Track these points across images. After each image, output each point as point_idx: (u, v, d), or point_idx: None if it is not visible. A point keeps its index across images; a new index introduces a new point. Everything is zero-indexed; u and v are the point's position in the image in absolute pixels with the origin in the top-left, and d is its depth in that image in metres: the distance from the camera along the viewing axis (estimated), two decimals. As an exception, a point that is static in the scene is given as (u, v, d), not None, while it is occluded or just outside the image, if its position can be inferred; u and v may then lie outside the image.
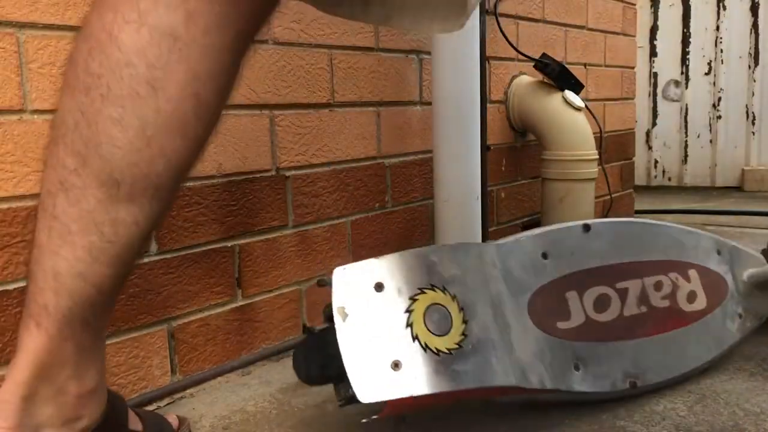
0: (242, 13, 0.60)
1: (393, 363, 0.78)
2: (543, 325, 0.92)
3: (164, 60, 0.57)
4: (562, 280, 0.96)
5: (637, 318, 1.01)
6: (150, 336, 1.06)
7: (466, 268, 0.86)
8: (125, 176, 0.60)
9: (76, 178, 0.60)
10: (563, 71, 1.74)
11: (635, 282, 1.02)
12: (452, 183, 1.48)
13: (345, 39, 1.34)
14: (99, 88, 0.58)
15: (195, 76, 0.59)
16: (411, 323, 0.80)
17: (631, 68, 2.46)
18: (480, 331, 0.83)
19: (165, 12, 0.56)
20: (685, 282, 1.07)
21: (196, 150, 0.63)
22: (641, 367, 1.00)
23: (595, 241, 1.01)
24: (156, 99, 0.58)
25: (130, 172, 0.60)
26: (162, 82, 0.58)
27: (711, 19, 3.43)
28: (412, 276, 0.82)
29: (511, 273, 0.91)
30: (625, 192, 2.48)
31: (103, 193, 0.60)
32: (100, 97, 0.58)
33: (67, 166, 0.60)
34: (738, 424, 0.93)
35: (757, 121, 3.40)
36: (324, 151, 1.31)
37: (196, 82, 0.59)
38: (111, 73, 0.57)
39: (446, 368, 0.80)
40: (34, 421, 0.66)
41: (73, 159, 0.60)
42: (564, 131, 1.75)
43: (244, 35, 0.62)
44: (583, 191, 1.77)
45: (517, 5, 1.82)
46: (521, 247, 0.94)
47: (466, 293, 0.84)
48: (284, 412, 1.02)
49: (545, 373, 0.89)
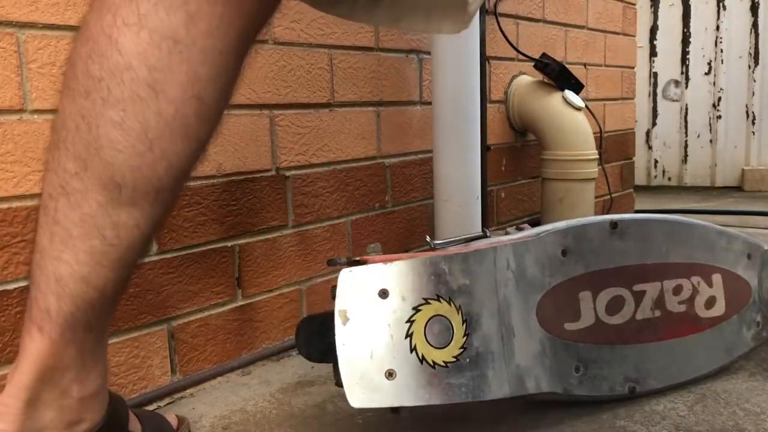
0: (244, 14, 0.60)
1: (387, 372, 0.78)
2: (549, 326, 0.91)
3: (165, 62, 0.57)
4: (578, 280, 0.94)
5: (649, 322, 0.99)
6: (150, 336, 1.06)
7: (477, 277, 0.84)
8: (127, 180, 0.60)
9: (77, 182, 0.60)
10: (563, 71, 1.74)
11: (654, 285, 1.00)
12: (452, 183, 1.48)
13: (345, 39, 1.34)
14: (99, 91, 0.58)
15: (196, 78, 0.58)
16: (411, 333, 0.80)
17: (631, 68, 2.46)
18: (480, 344, 0.83)
19: (165, 14, 0.56)
20: (706, 287, 1.04)
21: (198, 152, 0.63)
22: (643, 373, 0.99)
23: (620, 240, 0.97)
24: (157, 101, 0.58)
25: (132, 176, 0.60)
26: (163, 85, 0.57)
27: (711, 19, 3.43)
28: (419, 285, 0.81)
29: (525, 273, 0.90)
30: (625, 192, 2.48)
31: (105, 197, 0.60)
32: (101, 101, 0.58)
33: (68, 170, 0.60)
34: (738, 424, 0.93)
35: (757, 121, 3.40)
36: (324, 151, 1.31)
37: (198, 84, 0.59)
38: (111, 77, 0.57)
39: (440, 381, 0.80)
40: (37, 425, 0.66)
41: (74, 163, 0.60)
42: (564, 131, 1.75)
43: (245, 36, 0.61)
44: (583, 191, 1.77)
45: (517, 5, 1.82)
46: (541, 243, 0.92)
47: (472, 304, 0.83)
48: (284, 412, 1.02)
49: (543, 376, 0.89)
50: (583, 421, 0.95)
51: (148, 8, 0.56)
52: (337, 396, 1.04)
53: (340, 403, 1.02)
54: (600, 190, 1.98)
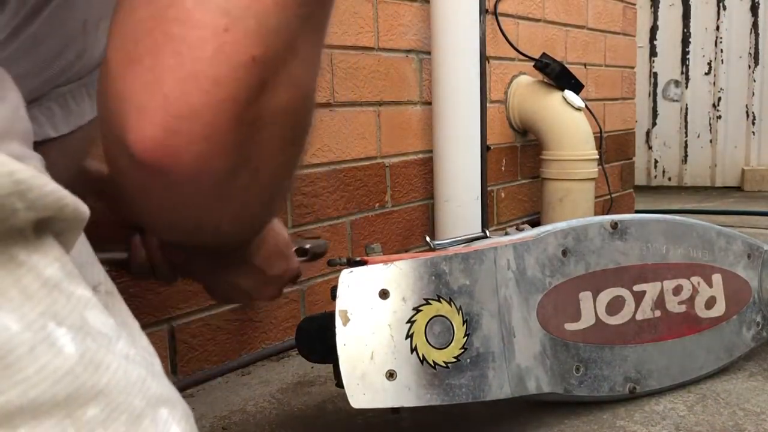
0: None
1: (388, 372, 0.78)
2: (550, 326, 0.91)
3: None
4: (578, 280, 0.94)
5: (649, 322, 0.99)
6: (150, 336, 1.05)
7: (477, 277, 0.84)
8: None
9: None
10: (563, 71, 1.74)
11: (654, 285, 1.00)
12: (452, 183, 1.48)
13: (345, 39, 1.34)
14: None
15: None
16: (411, 334, 0.79)
17: (631, 68, 2.46)
18: (481, 344, 0.83)
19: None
20: (706, 287, 1.04)
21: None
22: (643, 373, 0.99)
23: (620, 240, 0.98)
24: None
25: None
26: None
27: (711, 19, 3.43)
28: (420, 285, 0.81)
29: (525, 273, 0.90)
30: (625, 192, 2.48)
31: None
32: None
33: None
34: (738, 424, 0.93)
35: (757, 121, 3.40)
36: (324, 151, 1.31)
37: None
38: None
39: (441, 382, 0.80)
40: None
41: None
42: (564, 131, 1.75)
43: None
44: (583, 191, 1.77)
45: (517, 5, 1.82)
46: (541, 243, 0.92)
47: (472, 304, 0.83)
48: (284, 412, 1.02)
49: (544, 376, 0.89)
50: (583, 421, 0.95)
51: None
52: (337, 396, 1.04)
53: (340, 403, 1.02)
54: (600, 190, 1.98)
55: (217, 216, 0.47)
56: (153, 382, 0.34)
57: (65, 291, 0.32)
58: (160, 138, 0.36)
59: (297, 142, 0.45)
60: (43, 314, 0.30)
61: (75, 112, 0.52)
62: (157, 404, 0.34)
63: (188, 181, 0.39)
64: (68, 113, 0.52)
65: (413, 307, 0.80)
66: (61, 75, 0.50)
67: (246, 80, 0.36)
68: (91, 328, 0.32)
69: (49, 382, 0.29)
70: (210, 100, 0.36)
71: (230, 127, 0.37)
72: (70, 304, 0.32)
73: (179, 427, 0.34)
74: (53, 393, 0.29)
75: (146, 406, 0.33)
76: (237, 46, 0.35)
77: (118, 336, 0.34)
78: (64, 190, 0.32)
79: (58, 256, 0.32)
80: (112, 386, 0.31)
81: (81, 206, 0.34)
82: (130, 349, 0.34)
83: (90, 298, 0.33)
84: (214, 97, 0.36)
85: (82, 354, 0.30)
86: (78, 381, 0.30)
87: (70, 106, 0.52)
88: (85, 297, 0.33)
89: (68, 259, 0.33)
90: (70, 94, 0.52)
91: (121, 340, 0.34)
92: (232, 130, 0.37)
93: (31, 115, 0.47)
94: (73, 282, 0.32)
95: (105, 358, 0.32)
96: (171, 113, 0.36)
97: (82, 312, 0.32)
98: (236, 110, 0.36)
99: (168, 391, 0.35)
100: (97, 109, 0.41)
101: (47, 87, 0.49)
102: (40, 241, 0.32)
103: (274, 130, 0.40)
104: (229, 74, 0.35)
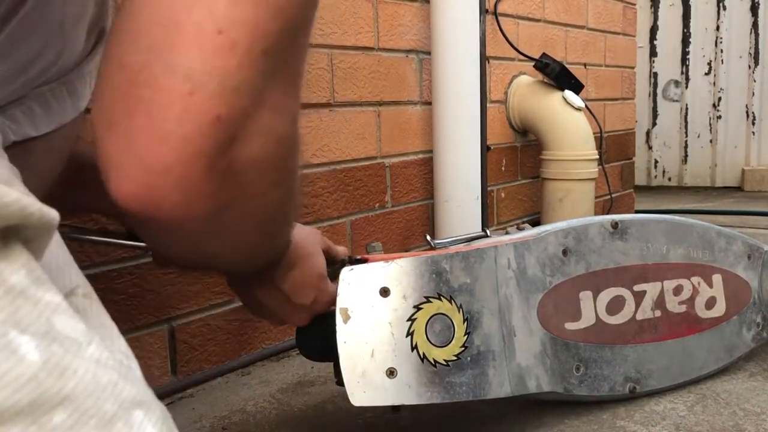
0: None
1: (388, 370, 0.78)
2: (550, 326, 0.91)
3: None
4: (578, 280, 0.94)
5: (649, 322, 0.99)
6: (150, 336, 1.06)
7: (478, 276, 0.84)
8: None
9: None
10: (563, 71, 1.74)
11: (654, 285, 1.00)
12: (452, 183, 1.48)
13: (345, 39, 1.34)
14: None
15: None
16: (412, 332, 0.79)
17: (631, 68, 2.46)
18: (481, 342, 0.83)
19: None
20: (707, 287, 1.04)
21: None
22: (643, 373, 0.99)
23: (620, 240, 0.98)
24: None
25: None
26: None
27: (711, 19, 3.43)
28: (420, 283, 0.81)
29: (526, 272, 0.90)
30: (625, 192, 2.48)
31: None
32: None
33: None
34: (738, 424, 0.93)
35: (757, 121, 3.40)
36: (324, 151, 1.31)
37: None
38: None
39: (441, 380, 0.80)
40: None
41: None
42: (564, 131, 1.75)
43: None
44: (583, 191, 1.77)
45: (517, 5, 1.82)
46: (542, 243, 0.92)
47: (473, 303, 0.83)
48: (284, 412, 1.02)
49: (544, 376, 0.89)
50: (583, 420, 0.95)
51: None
52: (337, 396, 1.04)
53: (340, 403, 1.02)
54: (600, 190, 1.98)
55: (217, 248, 0.50)
56: (126, 385, 0.34)
57: (32, 297, 0.32)
58: (139, 192, 0.40)
59: (283, 183, 0.47)
60: (4, 322, 0.30)
61: (56, 110, 0.53)
62: (131, 407, 0.33)
63: (175, 225, 0.42)
64: (49, 112, 0.52)
65: (414, 305, 0.80)
66: (41, 75, 0.50)
67: (214, 136, 0.38)
68: (58, 333, 0.32)
69: (11, 389, 0.29)
70: (180, 156, 0.38)
71: (203, 177, 0.39)
72: (37, 311, 0.32)
73: (155, 429, 0.34)
74: (15, 400, 0.29)
75: (119, 409, 0.33)
76: (202, 107, 0.37)
77: (89, 340, 0.34)
78: (28, 197, 0.33)
79: (25, 262, 0.33)
80: (80, 391, 0.31)
81: (48, 213, 0.34)
82: (102, 353, 0.34)
83: (59, 303, 0.33)
84: (183, 153, 0.38)
85: (46, 360, 0.30)
86: (41, 387, 0.30)
87: (51, 105, 0.52)
88: (53, 302, 0.33)
89: (37, 265, 0.33)
90: (50, 93, 0.52)
91: (92, 344, 0.34)
92: (206, 180, 0.40)
93: (11, 116, 0.48)
94: (41, 288, 0.33)
95: (72, 363, 0.32)
96: (146, 170, 0.39)
97: (50, 317, 0.32)
98: (207, 163, 0.39)
99: (143, 394, 0.35)
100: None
101: (27, 88, 0.49)
102: (7, 249, 0.32)
103: (253, 175, 0.43)
104: (197, 132, 0.38)
